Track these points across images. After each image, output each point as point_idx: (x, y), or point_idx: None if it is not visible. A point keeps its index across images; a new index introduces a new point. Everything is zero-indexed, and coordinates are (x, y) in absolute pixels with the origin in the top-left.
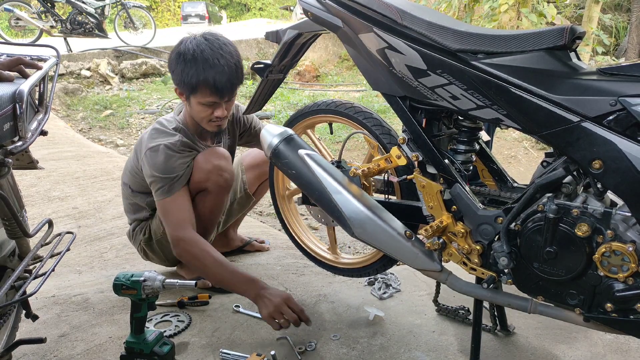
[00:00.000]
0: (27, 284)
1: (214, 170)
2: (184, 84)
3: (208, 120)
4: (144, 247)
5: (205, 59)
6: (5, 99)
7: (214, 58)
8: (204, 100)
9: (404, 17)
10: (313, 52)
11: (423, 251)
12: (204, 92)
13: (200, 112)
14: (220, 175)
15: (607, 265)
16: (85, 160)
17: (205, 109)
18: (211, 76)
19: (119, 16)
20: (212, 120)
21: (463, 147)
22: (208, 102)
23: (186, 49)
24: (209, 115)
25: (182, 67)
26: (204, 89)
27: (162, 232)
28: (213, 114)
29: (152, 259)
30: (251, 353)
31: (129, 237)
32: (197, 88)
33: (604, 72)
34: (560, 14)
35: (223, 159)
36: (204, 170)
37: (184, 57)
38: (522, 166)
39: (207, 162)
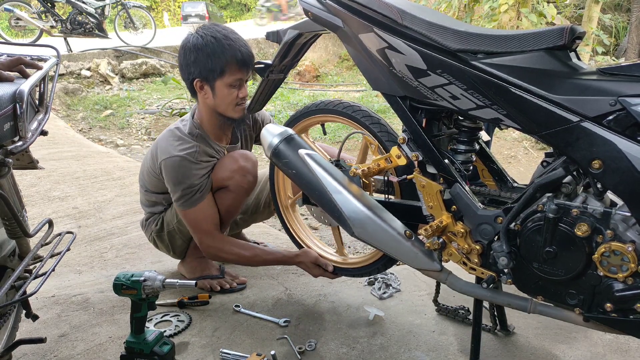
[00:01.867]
0: (27, 284)
1: (238, 171)
2: (209, 70)
3: (235, 105)
4: (155, 237)
5: (226, 36)
6: (6, 98)
7: (231, 34)
8: (232, 79)
9: (404, 17)
10: (313, 52)
11: (423, 251)
12: (232, 68)
13: (227, 97)
14: (244, 176)
15: (606, 265)
16: (85, 160)
17: (232, 91)
18: (237, 49)
19: (119, 16)
20: (238, 103)
21: (463, 147)
22: (235, 81)
23: (200, 38)
24: (235, 98)
25: (206, 53)
26: (232, 66)
27: (175, 224)
28: (239, 96)
29: (160, 249)
30: (251, 353)
31: (142, 227)
32: (225, 67)
33: (603, 72)
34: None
35: (250, 162)
36: (229, 169)
37: (204, 43)
38: (522, 166)
39: (234, 161)
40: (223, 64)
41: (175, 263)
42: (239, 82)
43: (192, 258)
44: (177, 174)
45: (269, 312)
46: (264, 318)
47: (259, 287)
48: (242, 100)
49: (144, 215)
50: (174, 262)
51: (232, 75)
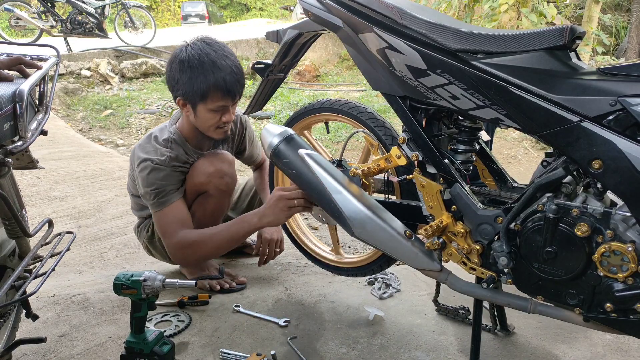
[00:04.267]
0: (27, 284)
1: (215, 174)
2: (193, 92)
3: (215, 128)
4: (147, 244)
5: (212, 62)
6: (6, 98)
7: (220, 60)
8: (215, 105)
9: (404, 17)
10: (313, 52)
11: (423, 251)
12: (215, 96)
13: (209, 120)
14: (221, 179)
15: (606, 265)
16: (85, 160)
17: (214, 115)
18: (222, 78)
19: (119, 16)
20: (219, 126)
21: (463, 146)
22: (218, 107)
23: (190, 55)
24: (217, 122)
25: (188, 75)
26: (215, 94)
27: None
28: (221, 120)
29: (155, 256)
30: (251, 353)
31: (135, 232)
32: (207, 93)
33: (603, 72)
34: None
35: (226, 163)
36: (206, 173)
37: (189, 64)
38: (522, 166)
39: (209, 165)
40: (206, 89)
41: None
42: (222, 108)
43: None
44: (148, 177)
45: (269, 312)
46: (264, 318)
47: (259, 287)
48: (225, 124)
49: (137, 221)
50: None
51: (215, 102)
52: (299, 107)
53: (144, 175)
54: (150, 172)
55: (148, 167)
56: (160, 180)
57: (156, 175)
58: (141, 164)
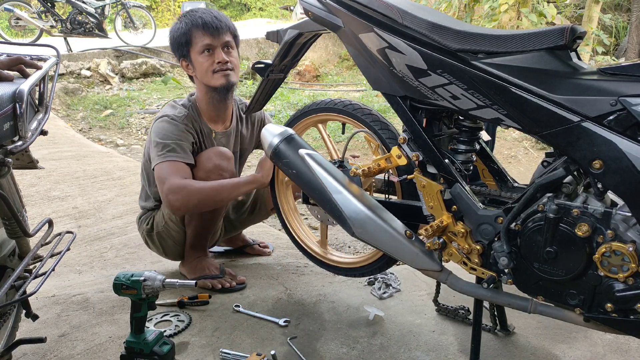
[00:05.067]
0: (27, 284)
1: (214, 170)
2: (181, 43)
3: (212, 72)
4: (146, 236)
5: (191, 11)
6: (6, 98)
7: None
8: (200, 45)
9: (405, 17)
10: (313, 52)
11: (423, 251)
12: (197, 35)
13: (203, 64)
14: (220, 175)
15: (607, 265)
16: (85, 160)
17: (206, 58)
18: (198, 17)
19: (119, 16)
20: (215, 70)
21: (463, 146)
22: (204, 47)
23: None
24: (211, 64)
25: (175, 34)
26: (196, 33)
27: (163, 226)
28: (214, 62)
29: (153, 250)
30: (251, 353)
31: (136, 223)
32: (190, 36)
33: (604, 72)
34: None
35: (225, 159)
36: (205, 169)
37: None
38: (522, 166)
39: (208, 160)
40: (188, 34)
41: (176, 263)
42: (208, 47)
43: (192, 258)
44: (160, 130)
45: (269, 312)
46: (264, 318)
47: (259, 287)
48: (220, 66)
49: (139, 212)
50: (174, 262)
51: (200, 42)
52: (302, 106)
53: (158, 125)
54: (165, 123)
55: (164, 120)
56: (172, 133)
57: (170, 127)
58: (158, 120)
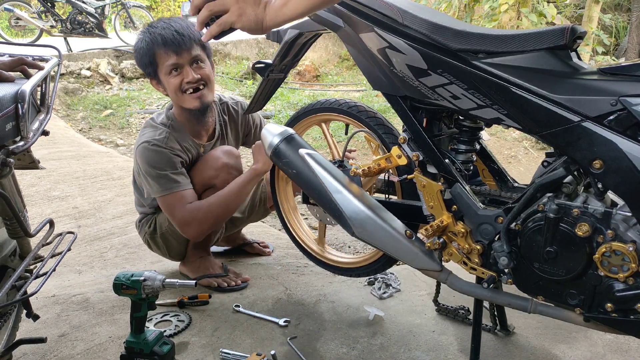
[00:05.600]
0: (28, 284)
1: (223, 168)
2: (145, 65)
3: (182, 92)
4: (148, 239)
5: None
6: (8, 99)
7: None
8: (166, 66)
9: (405, 17)
10: (313, 52)
11: (423, 251)
12: (160, 55)
13: (172, 86)
14: (229, 174)
15: (607, 265)
16: (85, 160)
17: (174, 78)
18: (157, 34)
19: (119, 16)
20: (185, 90)
21: (464, 146)
22: (170, 67)
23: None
24: (180, 84)
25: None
26: (159, 53)
27: (167, 227)
28: (183, 82)
29: (155, 251)
30: (251, 353)
31: (136, 227)
32: (153, 56)
33: (604, 72)
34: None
35: (233, 158)
36: (214, 167)
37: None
38: (522, 166)
39: (217, 159)
40: (151, 55)
41: (176, 263)
42: (175, 66)
43: (194, 258)
44: (148, 159)
45: (269, 312)
46: (264, 318)
47: (259, 287)
48: (190, 85)
49: (138, 216)
50: (174, 262)
51: (164, 62)
52: (302, 106)
53: (145, 154)
54: (151, 152)
55: (149, 147)
56: (162, 163)
57: (157, 156)
58: (141, 146)
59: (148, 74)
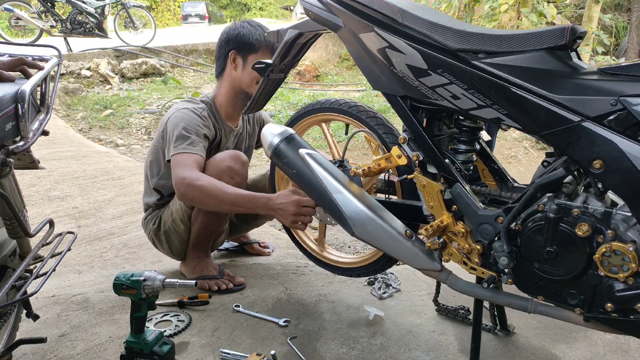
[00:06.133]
0: (28, 284)
1: (227, 171)
2: (249, 43)
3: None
4: (153, 236)
5: (262, 27)
6: (7, 99)
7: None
8: (264, 57)
9: (405, 17)
10: (313, 52)
11: (423, 251)
12: (265, 50)
13: (252, 73)
14: (231, 178)
15: (607, 265)
16: (85, 160)
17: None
18: (270, 40)
19: (119, 16)
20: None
21: (464, 146)
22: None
23: (244, 25)
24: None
25: (248, 30)
26: (265, 48)
27: (170, 224)
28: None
29: (159, 249)
30: (251, 353)
31: (142, 226)
32: (260, 46)
33: (604, 72)
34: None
35: (239, 163)
36: (218, 168)
37: (246, 28)
38: (522, 166)
39: (222, 161)
40: (260, 43)
41: (176, 263)
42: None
43: (192, 258)
44: (180, 121)
45: (269, 312)
46: (264, 318)
47: (259, 287)
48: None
49: (144, 214)
50: (174, 262)
51: (264, 55)
52: (302, 106)
53: (178, 115)
54: (185, 114)
55: (184, 111)
56: (191, 126)
57: (190, 119)
58: (174, 113)
59: (239, 49)
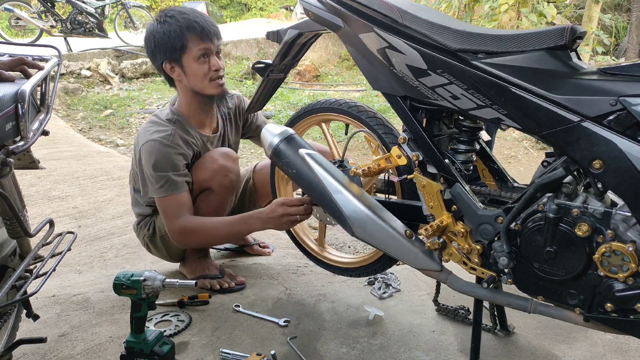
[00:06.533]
0: (28, 284)
1: (220, 171)
2: (172, 47)
3: (210, 80)
4: (147, 242)
5: (180, 12)
6: (8, 99)
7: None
8: (197, 49)
9: (405, 17)
10: (313, 52)
11: (423, 251)
12: (193, 40)
13: (199, 71)
14: (225, 176)
15: (607, 265)
16: (85, 160)
17: (202, 64)
18: (192, 21)
19: (119, 16)
20: (212, 78)
21: (463, 146)
22: (201, 51)
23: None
24: (208, 71)
25: (162, 36)
26: (191, 37)
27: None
28: (211, 68)
29: (155, 254)
30: (251, 353)
31: (134, 230)
32: (185, 41)
33: (604, 72)
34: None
35: (230, 160)
36: (210, 169)
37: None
38: (522, 166)
39: (213, 161)
40: (182, 38)
41: (176, 263)
42: (205, 52)
43: (193, 258)
44: (152, 157)
45: (269, 312)
46: (264, 318)
47: (259, 286)
48: (216, 74)
49: (135, 219)
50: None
51: (195, 47)
52: (303, 106)
53: (148, 156)
54: (155, 152)
55: (153, 146)
56: (165, 163)
57: (161, 155)
58: (144, 145)
59: (168, 57)
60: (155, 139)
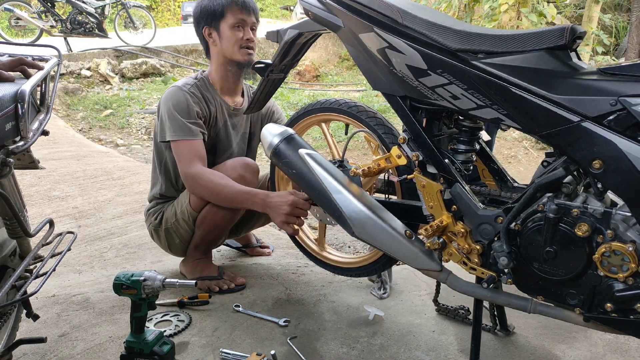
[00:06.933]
0: (28, 284)
1: (238, 180)
2: (213, 13)
3: (239, 47)
4: (152, 230)
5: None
6: (7, 99)
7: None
8: (234, 19)
9: (405, 17)
10: (313, 52)
11: (423, 251)
12: (233, 9)
13: (231, 38)
14: None
15: (607, 265)
16: (85, 160)
17: (235, 32)
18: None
19: (119, 16)
20: (242, 45)
21: (463, 146)
22: (237, 21)
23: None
24: (240, 40)
25: (207, 2)
26: (232, 7)
27: (172, 223)
28: (243, 37)
29: (157, 242)
30: (251, 353)
31: (144, 215)
32: (225, 9)
33: (604, 72)
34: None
35: (250, 172)
36: (229, 177)
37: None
38: (522, 166)
39: (233, 170)
40: (223, 5)
41: (176, 263)
42: (241, 22)
43: (192, 258)
44: (170, 101)
45: (269, 311)
46: (264, 318)
47: (259, 286)
48: (247, 43)
49: (149, 203)
50: (174, 262)
51: (234, 16)
52: (303, 106)
53: (165, 101)
54: (172, 96)
55: (172, 91)
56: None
57: (178, 98)
58: (165, 93)
59: (208, 22)
60: (176, 86)
